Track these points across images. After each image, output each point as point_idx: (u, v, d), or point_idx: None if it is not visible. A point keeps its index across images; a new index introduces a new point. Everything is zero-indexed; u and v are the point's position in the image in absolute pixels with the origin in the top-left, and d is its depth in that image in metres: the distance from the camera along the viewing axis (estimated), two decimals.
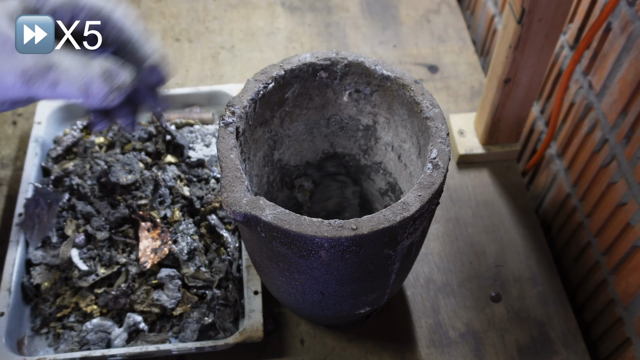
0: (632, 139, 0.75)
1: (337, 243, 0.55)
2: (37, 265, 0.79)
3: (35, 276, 0.78)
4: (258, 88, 0.66)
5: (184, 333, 0.75)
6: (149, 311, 0.76)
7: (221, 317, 0.76)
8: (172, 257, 0.78)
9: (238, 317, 0.77)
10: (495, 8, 1.09)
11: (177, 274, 0.77)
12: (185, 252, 0.78)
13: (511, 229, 0.89)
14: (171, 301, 0.76)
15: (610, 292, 0.81)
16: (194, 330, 0.75)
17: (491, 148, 0.94)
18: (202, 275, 0.77)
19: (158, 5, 1.15)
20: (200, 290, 0.78)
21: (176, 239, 0.79)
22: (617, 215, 0.78)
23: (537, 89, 0.86)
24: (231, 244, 0.80)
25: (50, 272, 0.78)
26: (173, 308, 0.76)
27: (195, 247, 0.79)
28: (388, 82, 0.68)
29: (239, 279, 0.79)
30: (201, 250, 0.79)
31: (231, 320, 0.76)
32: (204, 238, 0.81)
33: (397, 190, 0.76)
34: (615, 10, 0.76)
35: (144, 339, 0.74)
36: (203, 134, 0.91)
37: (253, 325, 0.73)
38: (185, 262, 0.78)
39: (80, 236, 0.79)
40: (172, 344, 0.73)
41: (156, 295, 0.76)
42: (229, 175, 0.58)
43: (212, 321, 0.75)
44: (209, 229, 0.81)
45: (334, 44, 1.11)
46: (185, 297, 0.76)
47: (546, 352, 0.79)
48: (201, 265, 0.78)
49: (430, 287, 0.83)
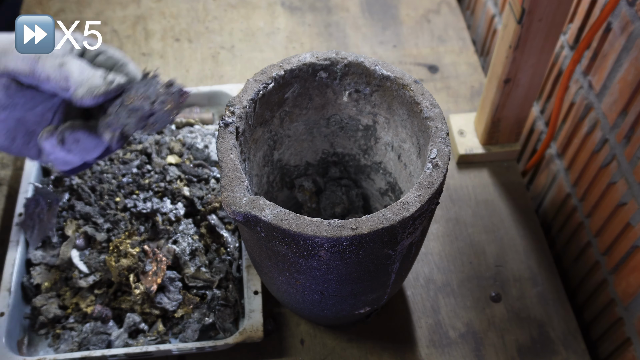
0: (632, 139, 0.75)
1: (336, 243, 0.55)
2: (37, 265, 0.79)
3: (35, 276, 0.78)
4: (258, 88, 0.66)
5: (184, 333, 0.75)
6: (150, 312, 0.76)
7: (221, 318, 0.76)
8: (172, 258, 0.78)
9: (238, 317, 0.77)
10: (495, 8, 1.09)
11: (177, 275, 0.77)
12: (187, 252, 0.78)
13: (511, 229, 0.89)
14: (172, 303, 0.76)
15: (610, 292, 0.81)
16: (195, 330, 0.75)
17: (491, 148, 0.94)
18: (202, 276, 0.77)
19: (158, 5, 1.15)
20: (200, 290, 0.78)
21: (176, 239, 0.79)
22: (617, 215, 0.78)
23: (537, 89, 0.86)
24: (231, 244, 0.80)
25: (50, 272, 0.78)
26: (174, 310, 0.76)
27: (196, 247, 0.79)
28: (388, 82, 0.68)
29: (239, 279, 0.79)
30: (202, 251, 0.80)
31: (231, 320, 0.76)
32: (204, 238, 0.81)
33: (397, 190, 0.76)
34: (615, 10, 0.76)
35: (144, 339, 0.74)
36: (203, 134, 0.91)
37: (253, 325, 0.73)
38: (186, 262, 0.78)
39: (80, 238, 0.79)
40: (172, 344, 0.73)
41: (157, 299, 0.76)
42: (228, 175, 0.58)
43: (212, 321, 0.75)
44: (209, 229, 0.81)
45: (334, 44, 1.11)
46: (186, 299, 0.76)
47: (546, 352, 0.79)
48: (201, 265, 0.78)
49: (430, 287, 0.83)
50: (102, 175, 0.84)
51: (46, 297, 0.77)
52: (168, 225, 0.81)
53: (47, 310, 0.76)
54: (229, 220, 0.82)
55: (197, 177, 0.86)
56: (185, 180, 0.85)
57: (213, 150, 0.89)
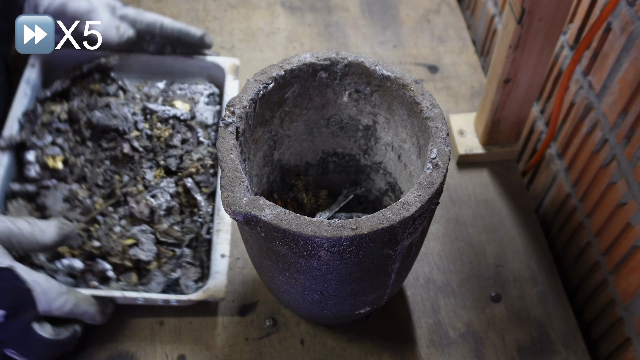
0: (632, 139, 0.75)
1: (336, 243, 0.55)
2: (14, 199, 0.81)
3: (12, 210, 0.80)
4: (258, 88, 0.66)
5: (149, 285, 0.77)
6: (121, 264, 0.78)
7: (186, 275, 0.78)
8: (146, 214, 0.80)
9: (203, 278, 0.79)
10: (495, 8, 1.09)
11: (148, 228, 0.79)
12: (163, 207, 0.81)
13: (511, 229, 0.89)
14: (147, 254, 0.78)
15: (610, 292, 0.81)
16: (159, 282, 0.77)
17: (491, 148, 0.94)
18: (174, 233, 0.79)
19: (158, 5, 1.15)
20: (170, 247, 0.80)
21: (155, 194, 0.81)
22: (617, 215, 0.78)
23: (537, 89, 0.86)
24: (203, 207, 0.82)
25: (26, 209, 0.80)
26: (149, 262, 0.78)
27: (172, 205, 0.82)
28: (388, 82, 0.68)
29: (208, 241, 0.81)
30: (177, 210, 0.82)
31: (195, 279, 0.78)
32: (180, 197, 0.83)
33: (397, 190, 0.76)
34: (615, 10, 0.76)
35: (116, 284, 0.76)
36: (192, 92, 0.95)
37: (217, 285, 0.75)
38: (160, 217, 0.80)
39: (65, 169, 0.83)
40: (137, 293, 0.74)
41: (132, 252, 0.78)
42: (229, 175, 0.58)
43: (177, 277, 0.77)
44: (185, 189, 0.84)
45: (334, 44, 1.11)
46: (160, 252, 0.78)
47: (546, 352, 0.79)
48: (175, 223, 0.81)
49: (430, 287, 0.83)
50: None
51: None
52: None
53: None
54: (205, 184, 0.84)
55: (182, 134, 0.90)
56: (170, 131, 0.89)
57: (199, 110, 0.93)
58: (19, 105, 0.86)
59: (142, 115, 0.89)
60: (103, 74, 0.93)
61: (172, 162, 0.85)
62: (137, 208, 0.80)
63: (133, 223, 0.80)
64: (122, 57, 0.93)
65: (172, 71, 0.97)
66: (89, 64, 0.92)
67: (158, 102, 0.92)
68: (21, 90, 0.87)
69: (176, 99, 0.93)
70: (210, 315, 0.79)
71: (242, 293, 0.81)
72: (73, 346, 0.72)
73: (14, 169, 0.83)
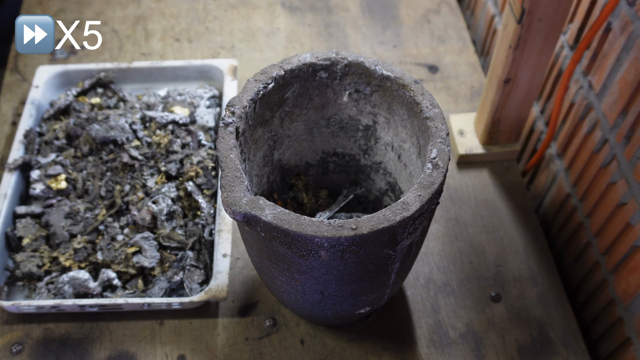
0: (632, 139, 0.75)
1: (336, 243, 0.55)
2: (22, 218, 0.82)
3: (20, 228, 0.81)
4: (258, 88, 0.66)
5: (152, 290, 0.77)
6: (126, 272, 0.78)
7: (190, 277, 0.78)
8: (148, 220, 0.81)
9: (208, 281, 0.79)
10: (495, 8, 1.09)
11: (151, 235, 0.80)
12: (164, 212, 0.81)
13: (511, 229, 0.89)
14: (150, 260, 0.78)
15: (610, 292, 0.81)
16: (162, 288, 0.77)
17: (491, 148, 0.94)
18: (176, 237, 0.80)
19: (158, 5, 1.15)
20: (174, 251, 0.80)
21: (156, 200, 0.82)
22: (617, 215, 0.78)
23: (537, 89, 0.86)
24: (205, 209, 0.82)
25: (34, 227, 0.81)
26: (153, 267, 0.78)
27: (174, 209, 0.82)
28: (388, 82, 0.68)
29: (211, 242, 0.81)
30: (179, 214, 0.82)
31: (199, 281, 0.78)
32: (182, 200, 0.84)
33: (397, 190, 0.76)
34: (615, 10, 0.76)
35: (122, 292, 0.77)
36: (192, 96, 0.95)
37: (219, 285, 0.76)
38: (162, 222, 0.80)
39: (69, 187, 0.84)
40: (140, 298, 0.75)
41: (135, 259, 0.78)
42: (229, 175, 0.58)
43: (180, 279, 0.78)
44: (187, 193, 0.84)
45: (334, 44, 1.11)
46: (163, 257, 0.79)
47: (546, 352, 0.79)
48: (177, 226, 0.81)
49: (430, 287, 0.83)
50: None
51: (28, 255, 0.80)
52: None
53: (24, 266, 0.79)
54: (206, 186, 0.85)
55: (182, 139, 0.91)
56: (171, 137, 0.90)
57: (200, 114, 0.94)
58: (24, 126, 0.89)
59: (142, 123, 0.91)
60: (105, 87, 0.97)
61: (172, 167, 0.86)
62: (139, 215, 0.80)
63: (137, 230, 0.81)
64: (122, 69, 0.97)
65: (174, 77, 0.99)
66: (90, 80, 0.96)
67: (158, 109, 0.93)
68: (26, 111, 0.91)
69: (175, 105, 0.94)
70: (210, 315, 0.79)
71: (242, 293, 0.81)
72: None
73: (22, 187, 0.86)
